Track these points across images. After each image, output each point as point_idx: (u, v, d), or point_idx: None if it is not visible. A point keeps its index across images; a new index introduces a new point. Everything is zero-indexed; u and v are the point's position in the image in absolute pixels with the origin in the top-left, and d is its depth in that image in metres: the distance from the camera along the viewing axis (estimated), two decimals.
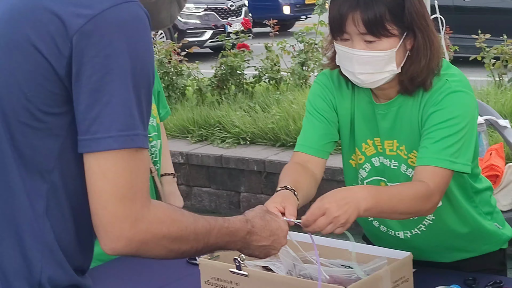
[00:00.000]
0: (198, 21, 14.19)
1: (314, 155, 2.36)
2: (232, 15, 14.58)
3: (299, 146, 2.39)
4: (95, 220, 1.43)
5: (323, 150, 2.37)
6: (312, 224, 2.01)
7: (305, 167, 2.33)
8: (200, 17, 14.22)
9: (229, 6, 14.60)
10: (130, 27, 1.43)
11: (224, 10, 14.52)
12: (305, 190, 2.24)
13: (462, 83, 2.24)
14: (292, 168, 2.33)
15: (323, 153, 2.37)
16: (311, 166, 2.34)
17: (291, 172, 2.31)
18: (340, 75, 2.35)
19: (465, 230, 2.39)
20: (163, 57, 7.89)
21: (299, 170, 2.32)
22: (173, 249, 1.52)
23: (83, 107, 1.41)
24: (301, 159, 2.36)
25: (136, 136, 1.43)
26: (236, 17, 14.59)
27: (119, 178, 1.41)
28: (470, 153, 2.23)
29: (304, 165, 2.34)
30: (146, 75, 1.45)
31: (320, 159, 2.37)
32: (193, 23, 14.13)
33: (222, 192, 6.51)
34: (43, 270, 1.46)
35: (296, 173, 2.30)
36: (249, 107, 7.18)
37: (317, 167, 2.36)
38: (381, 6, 2.13)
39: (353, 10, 2.13)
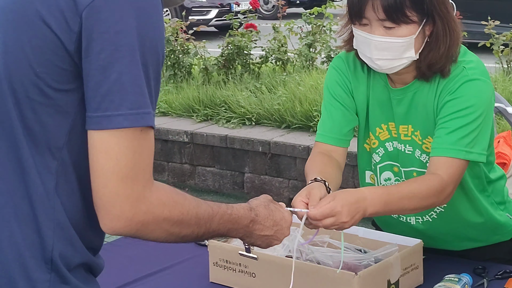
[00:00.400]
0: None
1: (336, 145, 2.35)
2: None
3: (321, 137, 2.37)
4: (95, 198, 1.42)
5: (344, 139, 2.36)
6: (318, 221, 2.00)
7: (330, 156, 2.32)
8: None
9: None
10: (141, 4, 1.41)
11: None
12: (334, 179, 2.24)
13: (479, 70, 2.22)
14: (318, 159, 2.31)
15: (344, 142, 2.36)
16: (334, 155, 2.34)
17: (317, 163, 2.29)
18: (356, 59, 2.33)
19: (477, 219, 2.37)
20: (169, 35, 7.85)
21: (324, 160, 2.30)
22: (174, 232, 1.50)
23: (93, 84, 1.39)
24: (324, 149, 2.35)
25: (147, 115, 1.41)
26: None
27: (122, 157, 1.39)
28: (485, 142, 2.21)
29: (329, 155, 2.32)
30: (156, 53, 1.43)
31: (342, 148, 2.37)
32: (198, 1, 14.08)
33: (226, 172, 6.49)
34: (54, 248, 1.45)
35: (322, 164, 2.28)
36: (255, 88, 7.15)
37: (340, 156, 2.36)
38: None
39: None
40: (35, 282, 1.44)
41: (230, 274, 2.27)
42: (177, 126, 6.78)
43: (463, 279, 2.05)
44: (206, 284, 2.32)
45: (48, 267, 1.45)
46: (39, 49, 1.40)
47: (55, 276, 1.45)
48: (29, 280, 1.44)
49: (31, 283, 1.44)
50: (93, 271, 1.55)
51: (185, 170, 6.72)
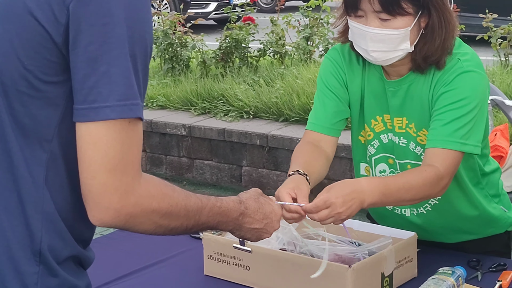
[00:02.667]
0: None
1: (326, 133, 2.34)
2: None
3: (311, 125, 2.37)
4: (84, 190, 1.41)
5: (335, 129, 2.35)
6: (314, 214, 2.00)
7: (317, 146, 2.32)
8: None
9: None
10: None
11: None
12: (317, 172, 2.24)
13: (474, 62, 2.22)
14: (305, 149, 2.31)
15: (335, 131, 2.36)
16: (323, 145, 2.33)
17: (304, 153, 2.29)
18: (351, 50, 2.33)
19: (471, 212, 2.37)
20: (167, 28, 7.84)
21: (311, 150, 2.30)
22: (162, 224, 1.50)
23: (80, 76, 1.39)
24: (313, 138, 2.34)
25: (135, 106, 1.40)
26: None
27: (110, 149, 1.39)
28: (480, 134, 2.21)
29: (317, 145, 2.32)
30: (144, 45, 1.43)
31: (332, 137, 2.36)
32: None
33: (224, 166, 6.49)
34: (43, 240, 1.45)
35: (309, 154, 2.28)
36: (253, 81, 7.14)
37: (329, 145, 2.35)
38: None
39: None
40: (24, 275, 1.43)
41: (225, 267, 2.27)
42: (175, 119, 6.78)
43: (457, 272, 2.05)
44: (200, 277, 2.32)
45: (37, 259, 1.44)
46: (27, 42, 1.40)
47: (44, 268, 1.45)
48: (18, 272, 1.43)
49: (19, 276, 1.43)
50: (83, 264, 1.55)
51: (183, 164, 6.72)
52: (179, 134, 6.66)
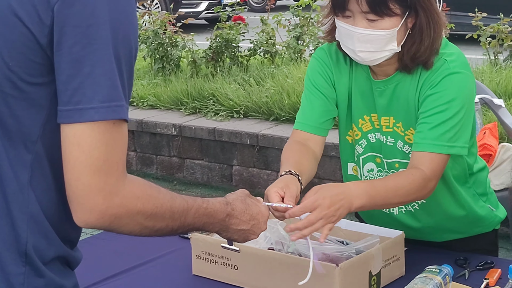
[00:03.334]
0: None
1: (313, 133, 2.35)
2: None
3: (299, 124, 2.38)
4: (68, 191, 1.41)
5: (323, 128, 2.36)
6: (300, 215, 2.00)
7: (306, 145, 2.32)
8: None
9: None
10: None
11: None
12: (308, 171, 2.24)
13: (460, 62, 2.23)
14: (294, 148, 2.32)
15: (323, 130, 2.36)
16: (311, 144, 2.34)
17: (294, 152, 2.29)
18: (338, 50, 2.33)
19: (458, 211, 2.38)
20: (158, 28, 7.84)
21: (301, 150, 2.31)
22: (148, 226, 1.50)
23: (65, 77, 1.39)
24: (301, 137, 2.35)
25: (120, 108, 1.40)
26: None
27: (94, 150, 1.39)
28: (467, 135, 2.22)
29: (305, 144, 2.33)
30: (128, 46, 1.43)
31: (320, 137, 2.36)
32: None
33: (214, 165, 6.49)
34: (28, 241, 1.45)
35: (299, 153, 2.29)
36: (243, 80, 7.15)
37: (317, 145, 2.35)
38: None
39: None
40: (10, 275, 1.43)
41: (213, 267, 2.27)
42: (166, 119, 6.78)
43: (444, 270, 2.06)
44: (189, 277, 2.33)
45: (23, 260, 1.44)
46: (12, 43, 1.40)
47: (30, 269, 1.45)
48: (3, 273, 1.43)
49: (5, 276, 1.43)
50: (70, 264, 1.55)
51: (173, 163, 6.72)
52: (169, 133, 6.65)
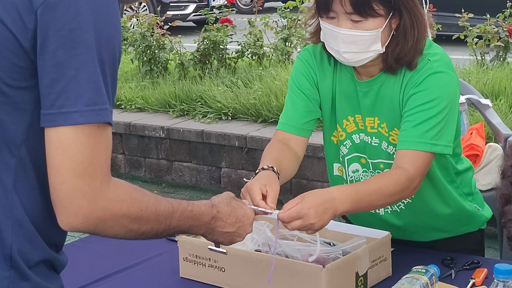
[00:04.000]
0: None
1: (296, 133, 2.36)
2: None
3: (281, 125, 2.39)
4: (53, 195, 1.41)
5: (305, 129, 2.37)
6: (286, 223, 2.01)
7: (287, 145, 2.33)
8: None
9: None
10: (97, 1, 1.41)
11: None
12: (287, 170, 2.26)
13: (443, 62, 2.24)
14: (275, 147, 2.33)
15: (305, 131, 2.37)
16: (293, 144, 2.35)
17: (274, 151, 2.31)
18: (323, 51, 2.34)
19: (444, 210, 2.39)
20: (145, 30, 7.83)
21: (281, 148, 2.32)
22: (133, 229, 1.50)
23: (48, 81, 1.39)
24: (283, 137, 2.36)
25: (104, 111, 1.41)
26: None
27: (78, 153, 1.39)
28: (451, 134, 2.23)
29: (286, 143, 2.33)
30: (112, 50, 1.43)
31: (302, 137, 2.37)
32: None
33: (203, 167, 6.49)
34: (13, 245, 1.45)
35: (279, 152, 2.30)
36: (231, 82, 7.15)
37: (299, 145, 2.36)
38: None
39: None
40: None
41: (200, 269, 2.27)
42: (154, 121, 6.77)
43: (430, 270, 2.07)
44: (176, 279, 2.32)
45: (8, 264, 1.44)
46: None
47: (15, 273, 1.44)
48: None
49: None
50: (55, 268, 1.55)
51: (162, 166, 6.71)
52: (157, 136, 6.65)
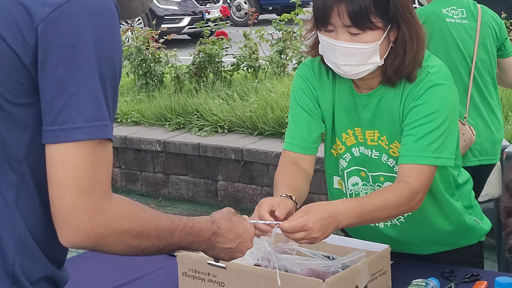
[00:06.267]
0: (176, 7, 14.14)
1: (303, 153, 2.36)
2: (210, 2, 14.53)
3: (288, 145, 2.38)
4: (53, 211, 1.41)
5: (312, 147, 2.37)
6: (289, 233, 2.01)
7: (298, 165, 2.33)
8: (178, 3, 14.17)
9: None
10: (98, 17, 1.41)
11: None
12: (302, 192, 2.27)
13: (442, 74, 2.25)
14: (289, 170, 2.33)
15: (312, 149, 2.38)
16: (303, 163, 2.35)
17: (288, 175, 2.31)
18: (321, 65, 2.34)
19: (444, 223, 2.39)
20: (141, 44, 7.84)
21: (295, 171, 2.32)
22: (133, 245, 1.49)
23: (49, 97, 1.39)
24: (293, 158, 2.36)
25: (105, 127, 1.41)
26: (214, 3, 14.54)
27: (79, 170, 1.39)
28: (453, 146, 2.24)
29: (297, 164, 2.34)
30: (113, 66, 1.44)
31: (310, 156, 2.38)
32: (171, 9, 14.07)
33: (199, 181, 6.49)
34: (15, 261, 1.44)
35: (293, 175, 2.30)
36: (227, 95, 7.16)
37: (308, 163, 2.37)
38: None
39: (339, 2, 2.12)
40: None
41: (199, 284, 2.26)
42: (150, 135, 6.77)
43: (430, 283, 2.07)
44: None
45: (10, 280, 1.44)
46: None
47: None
48: None
49: None
50: (57, 284, 1.54)
51: (158, 179, 6.71)
52: (154, 150, 6.65)
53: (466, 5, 3.80)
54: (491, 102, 3.83)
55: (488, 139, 3.80)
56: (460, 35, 3.70)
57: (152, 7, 13.82)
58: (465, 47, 3.71)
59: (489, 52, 3.79)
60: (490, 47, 3.79)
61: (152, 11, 13.79)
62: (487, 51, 3.78)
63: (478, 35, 3.73)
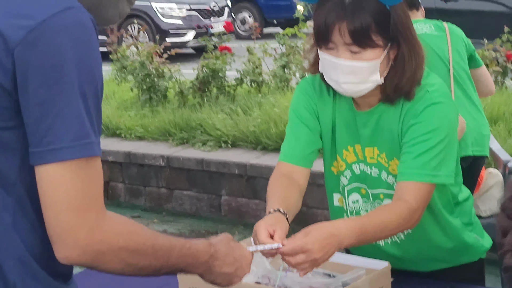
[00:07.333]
0: (181, 21, 14.17)
1: (298, 165, 2.36)
2: (215, 16, 14.57)
3: (283, 156, 2.39)
4: (49, 230, 1.42)
5: (307, 160, 2.37)
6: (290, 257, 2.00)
7: (291, 178, 2.33)
8: (183, 18, 14.20)
9: (211, 6, 14.59)
10: (75, 34, 1.42)
11: (206, 11, 14.51)
12: (294, 206, 2.25)
13: (441, 93, 2.25)
14: (280, 183, 2.32)
15: (307, 162, 2.37)
16: (296, 176, 2.34)
17: (280, 188, 2.30)
18: (321, 82, 2.35)
19: (444, 240, 2.39)
20: (144, 59, 7.86)
21: (286, 184, 2.31)
22: (131, 263, 1.50)
23: (33, 120, 1.40)
24: (286, 170, 2.35)
25: (90, 144, 1.42)
26: (219, 17, 14.58)
27: (70, 188, 1.40)
28: (452, 163, 2.24)
29: (290, 176, 2.33)
30: (94, 82, 1.44)
31: (305, 168, 2.37)
32: (176, 24, 14.11)
33: (203, 195, 6.49)
34: (17, 284, 1.45)
35: (285, 188, 2.29)
36: (230, 110, 7.17)
37: (302, 177, 2.36)
38: (367, 17, 2.12)
39: (340, 20, 2.12)
40: None
41: None
42: (153, 150, 6.78)
43: None
44: None
45: None
46: None
47: None
48: None
49: None
50: None
51: (162, 194, 6.71)
52: (157, 165, 6.65)
53: (432, 21, 4.10)
54: (473, 99, 4.05)
55: (477, 131, 4.01)
56: (433, 42, 3.90)
57: (157, 22, 13.86)
58: (440, 51, 3.94)
59: (462, 55, 4.03)
60: (461, 52, 4.03)
61: (156, 25, 13.84)
62: (460, 55, 4.02)
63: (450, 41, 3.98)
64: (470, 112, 4.00)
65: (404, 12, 2.22)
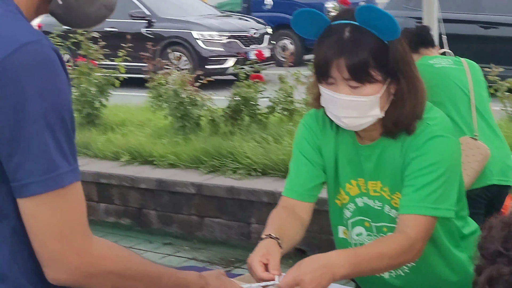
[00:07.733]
0: (221, 48, 14.26)
1: (300, 199, 2.37)
2: (255, 43, 14.64)
3: (286, 191, 2.40)
4: (39, 257, 1.46)
5: (310, 194, 2.38)
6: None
7: (292, 211, 2.34)
8: (223, 45, 14.30)
9: (252, 34, 14.68)
10: (40, 70, 1.42)
11: (247, 38, 14.60)
12: (290, 235, 2.26)
13: (442, 126, 2.25)
14: (279, 215, 2.34)
15: (310, 197, 2.38)
16: (298, 210, 2.36)
17: (277, 218, 2.32)
18: (325, 116, 2.36)
19: (450, 274, 2.38)
20: (178, 87, 7.92)
21: (285, 216, 2.32)
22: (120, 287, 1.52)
23: (5, 156, 1.43)
24: (288, 204, 2.37)
25: (59, 176, 1.44)
26: (259, 44, 14.64)
27: (49, 218, 1.43)
28: (453, 197, 2.23)
29: (292, 210, 2.35)
30: (60, 115, 1.45)
31: (307, 203, 2.38)
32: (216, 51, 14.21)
33: (233, 223, 6.50)
34: None
35: (282, 219, 2.31)
36: (261, 138, 7.18)
37: (304, 211, 2.37)
38: (365, 53, 2.13)
39: (338, 56, 2.14)
40: None
41: None
42: (184, 177, 6.81)
43: None
44: None
45: None
46: None
47: None
48: None
49: None
50: None
51: (192, 222, 6.74)
52: (188, 192, 6.68)
53: (450, 57, 4.17)
54: (495, 129, 4.12)
55: (501, 161, 4.03)
56: (452, 75, 3.98)
57: (197, 49, 13.96)
58: (460, 83, 3.98)
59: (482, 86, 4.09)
60: (482, 83, 4.10)
61: (197, 52, 13.94)
62: (481, 86, 4.08)
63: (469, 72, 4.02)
64: (494, 142, 4.02)
65: (403, 47, 2.23)
